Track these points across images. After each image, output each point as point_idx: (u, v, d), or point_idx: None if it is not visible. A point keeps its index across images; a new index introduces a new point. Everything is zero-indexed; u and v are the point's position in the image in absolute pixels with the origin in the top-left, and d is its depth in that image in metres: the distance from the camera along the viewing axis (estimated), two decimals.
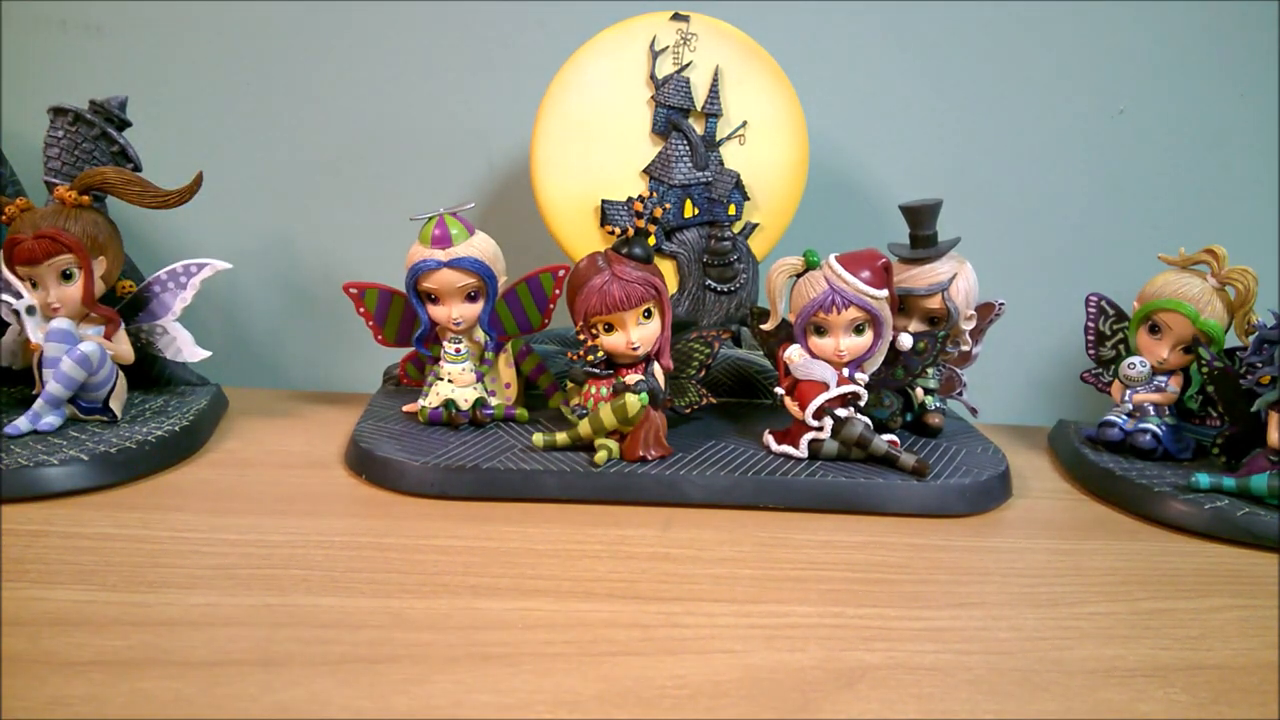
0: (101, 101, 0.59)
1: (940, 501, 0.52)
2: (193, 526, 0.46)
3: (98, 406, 0.55)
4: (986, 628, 0.40)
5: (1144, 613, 0.42)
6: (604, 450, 0.52)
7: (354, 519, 0.48)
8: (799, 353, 0.54)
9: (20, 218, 0.54)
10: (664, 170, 0.61)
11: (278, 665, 0.34)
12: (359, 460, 0.54)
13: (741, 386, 0.68)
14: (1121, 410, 0.60)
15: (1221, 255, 0.58)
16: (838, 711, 0.33)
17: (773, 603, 0.41)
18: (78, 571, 0.40)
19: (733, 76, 0.61)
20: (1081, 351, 0.66)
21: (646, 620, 0.39)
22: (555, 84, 0.61)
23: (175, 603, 0.38)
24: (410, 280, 0.56)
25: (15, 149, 0.65)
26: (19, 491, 0.47)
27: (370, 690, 0.33)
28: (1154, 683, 0.36)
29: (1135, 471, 0.56)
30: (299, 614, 0.38)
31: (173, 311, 0.59)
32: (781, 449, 0.55)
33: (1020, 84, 0.73)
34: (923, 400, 0.61)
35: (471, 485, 0.51)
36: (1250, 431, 0.54)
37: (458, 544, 0.45)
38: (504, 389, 0.60)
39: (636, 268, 0.53)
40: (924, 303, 0.58)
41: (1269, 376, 0.51)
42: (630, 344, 0.53)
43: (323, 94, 0.72)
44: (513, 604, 0.40)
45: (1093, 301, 0.65)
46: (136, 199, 0.56)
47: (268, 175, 0.73)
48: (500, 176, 0.74)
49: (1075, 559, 0.48)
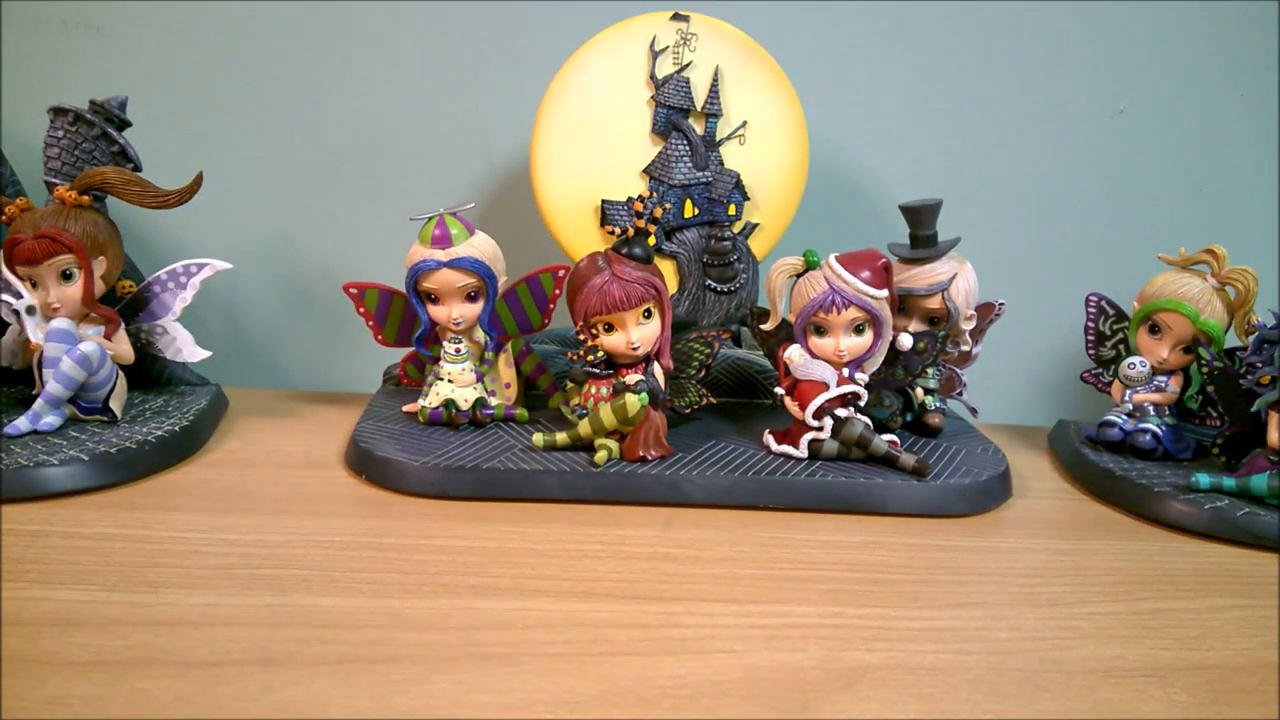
0: (101, 101, 0.59)
1: (940, 501, 0.52)
2: (193, 526, 0.46)
3: (98, 406, 0.55)
4: (986, 628, 0.40)
5: (1144, 613, 0.42)
6: (604, 450, 0.52)
7: (354, 519, 0.48)
8: (799, 353, 0.54)
9: (20, 218, 0.54)
10: (664, 170, 0.61)
11: (278, 665, 0.34)
12: (359, 460, 0.54)
13: (741, 386, 0.68)
14: (1121, 410, 0.60)
15: (1221, 255, 0.58)
16: (838, 711, 0.33)
17: (773, 603, 0.41)
18: (78, 571, 0.40)
19: (733, 76, 0.61)
20: (1081, 351, 0.66)
21: (646, 620, 0.39)
22: (555, 84, 0.61)
23: (175, 603, 0.38)
24: (410, 280, 0.56)
25: (15, 149, 0.65)
26: (19, 491, 0.47)
27: (370, 690, 0.33)
28: (1154, 683, 0.36)
29: (1135, 471, 0.56)
30: (299, 614, 0.38)
31: (173, 311, 0.59)
32: (781, 449, 0.55)
33: (1020, 84, 0.73)
34: (923, 400, 0.61)
35: (471, 485, 0.51)
36: (1250, 431, 0.54)
37: (458, 544, 0.45)
38: (504, 389, 0.60)
39: (636, 268, 0.53)
40: (924, 303, 0.58)
41: (1269, 376, 0.51)
42: (630, 344, 0.53)
43: (323, 94, 0.72)
44: (513, 604, 0.40)
45: (1093, 301, 0.65)
46: (136, 199, 0.56)
47: (268, 175, 0.73)
48: (500, 176, 0.74)
49: (1075, 559, 0.48)
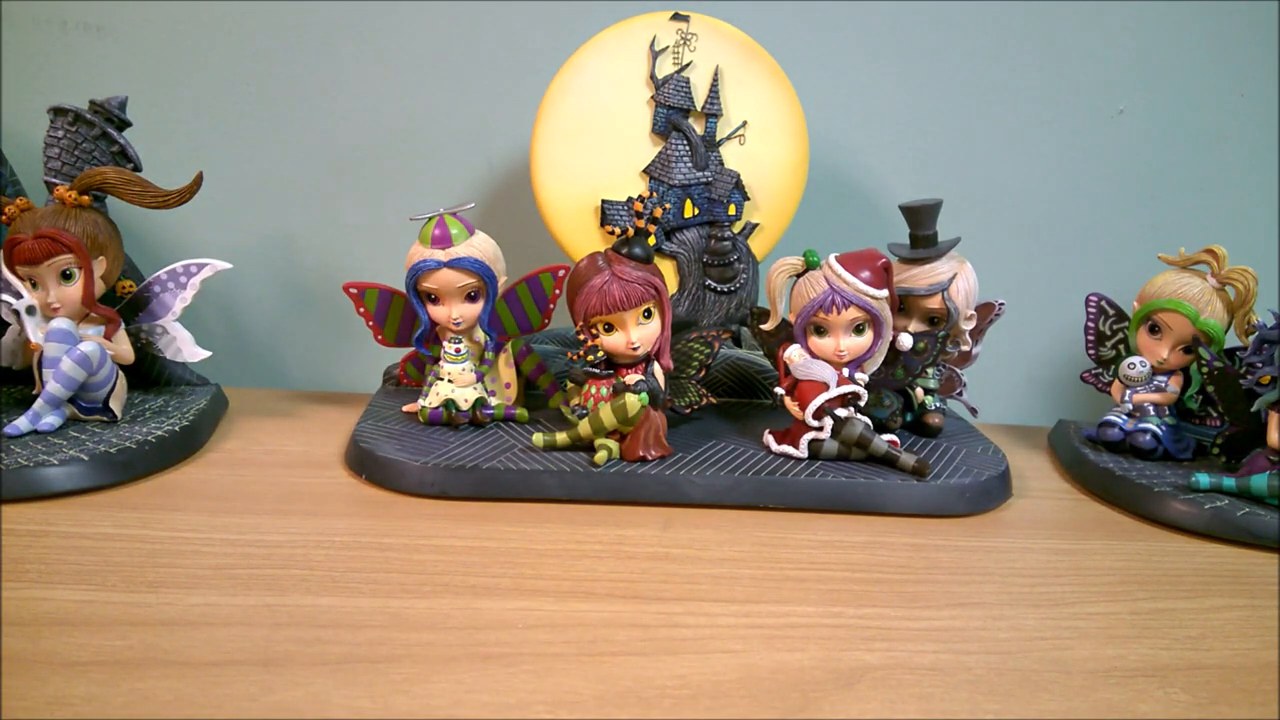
0: (101, 101, 0.59)
1: (940, 501, 0.52)
2: (193, 526, 0.46)
3: (98, 406, 0.55)
4: (986, 628, 0.40)
5: (1144, 613, 0.42)
6: (604, 450, 0.52)
7: (354, 519, 0.48)
8: (799, 353, 0.54)
9: (20, 218, 0.54)
10: (664, 170, 0.61)
11: (278, 665, 0.34)
12: (359, 460, 0.54)
13: (741, 386, 0.68)
14: (1121, 410, 0.60)
15: (1221, 255, 0.58)
16: (838, 711, 0.33)
17: (773, 603, 0.41)
18: (78, 571, 0.40)
19: (733, 76, 0.61)
20: (1081, 351, 0.66)
21: (646, 620, 0.39)
22: (555, 84, 0.61)
23: (175, 603, 0.38)
24: (410, 280, 0.56)
25: (15, 149, 0.65)
26: (19, 491, 0.47)
27: (370, 690, 0.33)
28: (1154, 683, 0.36)
29: (1135, 471, 0.56)
30: (299, 614, 0.38)
31: (173, 311, 0.59)
32: (781, 449, 0.55)
33: (1020, 84, 0.73)
34: (923, 400, 0.61)
35: (471, 485, 0.51)
36: (1250, 431, 0.54)
37: (458, 544, 0.45)
38: (504, 389, 0.60)
39: (636, 268, 0.53)
40: (924, 303, 0.58)
41: (1269, 376, 0.51)
42: (630, 344, 0.53)
43: (323, 94, 0.72)
44: (513, 604, 0.40)
45: (1093, 301, 0.65)
46: (136, 199, 0.56)
47: (268, 175, 0.73)
48: (500, 176, 0.74)
49: (1075, 559, 0.48)
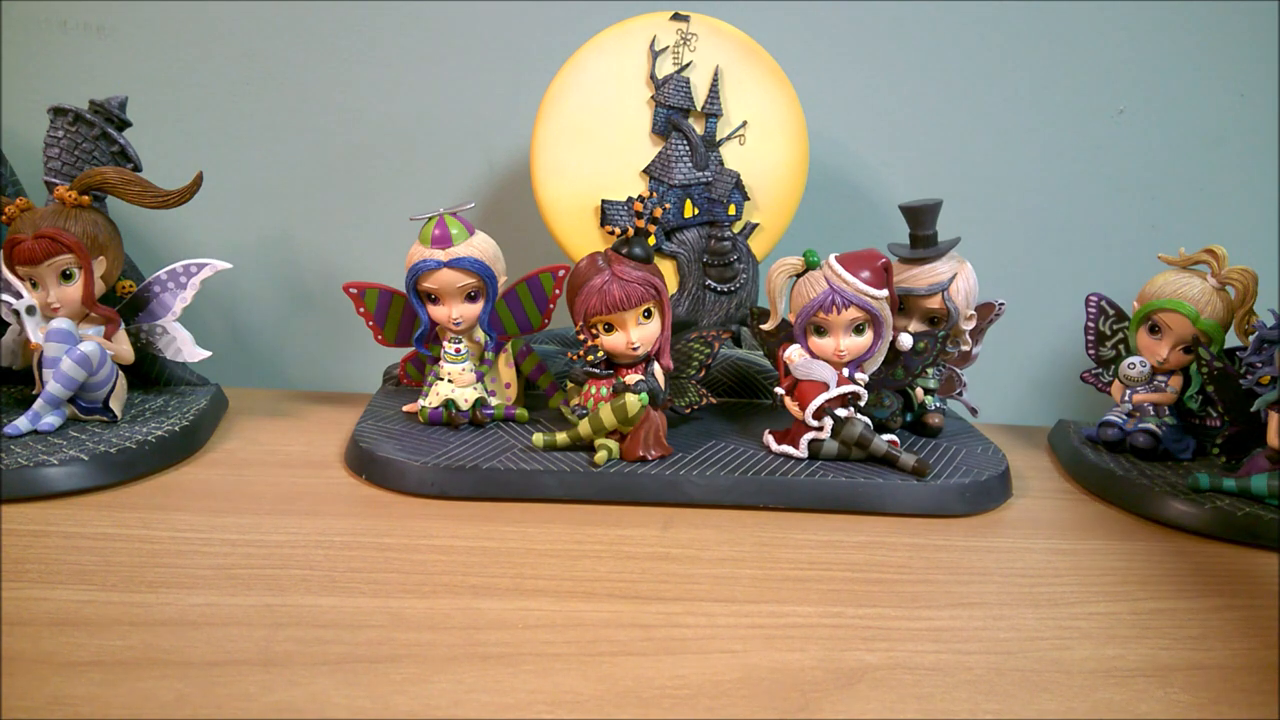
0: (101, 101, 0.59)
1: (940, 501, 0.52)
2: (193, 526, 0.46)
3: (98, 406, 0.55)
4: (986, 628, 0.40)
5: (1144, 613, 0.42)
6: (604, 450, 0.52)
7: (354, 519, 0.48)
8: (799, 353, 0.54)
9: (20, 218, 0.54)
10: (664, 170, 0.61)
11: (278, 665, 0.34)
12: (359, 460, 0.54)
13: (741, 386, 0.68)
14: (1121, 410, 0.60)
15: (1221, 255, 0.58)
16: (838, 711, 0.33)
17: (773, 603, 0.41)
18: (78, 571, 0.40)
19: (733, 76, 0.61)
20: (1081, 351, 0.66)
21: (646, 620, 0.39)
22: (555, 84, 0.61)
23: (175, 603, 0.38)
24: (410, 280, 0.56)
25: (15, 149, 0.65)
26: (19, 491, 0.47)
27: (370, 690, 0.33)
28: (1154, 683, 0.36)
29: (1135, 471, 0.56)
30: (299, 614, 0.38)
31: (173, 311, 0.59)
32: (781, 449, 0.55)
33: (1020, 84, 0.73)
34: (923, 400, 0.61)
35: (471, 485, 0.51)
36: (1250, 431, 0.54)
37: (458, 544, 0.45)
38: (504, 389, 0.60)
39: (636, 268, 0.53)
40: (924, 303, 0.58)
41: (1269, 376, 0.51)
42: (630, 344, 0.53)
43: (323, 94, 0.72)
44: (513, 604, 0.40)
45: (1093, 301, 0.65)
46: (136, 199, 0.56)
47: (268, 175, 0.73)
48: (500, 176, 0.74)
49: (1075, 559, 0.48)
